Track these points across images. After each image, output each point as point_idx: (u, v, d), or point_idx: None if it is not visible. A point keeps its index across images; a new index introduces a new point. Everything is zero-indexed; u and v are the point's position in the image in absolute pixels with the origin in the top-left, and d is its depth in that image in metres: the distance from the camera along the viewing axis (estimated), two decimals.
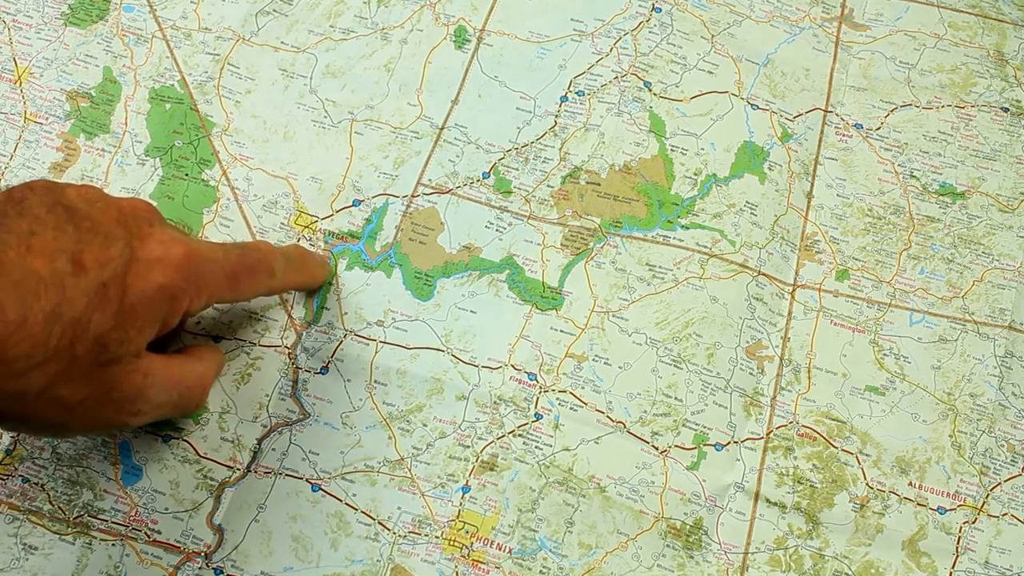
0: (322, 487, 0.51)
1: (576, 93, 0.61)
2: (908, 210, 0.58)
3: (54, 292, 0.38)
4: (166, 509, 0.50)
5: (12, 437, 0.52)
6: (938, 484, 0.53)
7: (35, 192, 0.41)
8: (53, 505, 0.50)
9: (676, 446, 0.53)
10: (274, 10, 0.62)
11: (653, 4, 0.63)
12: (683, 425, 0.53)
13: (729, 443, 0.53)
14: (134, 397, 0.42)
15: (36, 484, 0.51)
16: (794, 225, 0.58)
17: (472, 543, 0.51)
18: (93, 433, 0.46)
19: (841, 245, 0.57)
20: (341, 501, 0.51)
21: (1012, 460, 0.53)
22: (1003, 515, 0.52)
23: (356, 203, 0.57)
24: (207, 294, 0.44)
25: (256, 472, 0.51)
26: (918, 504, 0.52)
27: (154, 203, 0.56)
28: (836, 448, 0.53)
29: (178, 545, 0.50)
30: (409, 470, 0.52)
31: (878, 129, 0.60)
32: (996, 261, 0.57)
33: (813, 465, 0.53)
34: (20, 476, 0.51)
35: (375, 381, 0.53)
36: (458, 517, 0.51)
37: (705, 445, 0.53)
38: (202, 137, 0.59)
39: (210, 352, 0.51)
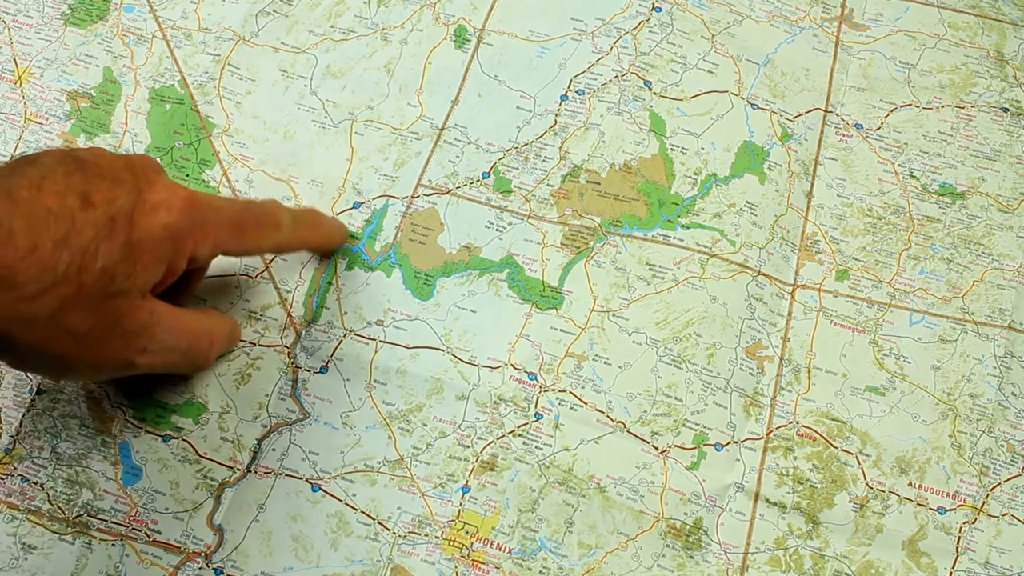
0: (322, 487, 0.51)
1: (576, 92, 0.61)
2: (908, 210, 0.58)
3: (63, 223, 0.40)
4: (166, 509, 0.50)
5: (11, 436, 0.52)
6: (938, 484, 0.53)
7: (49, 152, 0.43)
8: (52, 505, 0.51)
9: (676, 446, 0.53)
10: (274, 10, 0.62)
11: (653, 3, 0.63)
12: (683, 425, 0.53)
13: (729, 443, 0.53)
14: (140, 332, 0.43)
15: (35, 483, 0.51)
16: (794, 225, 0.58)
17: (472, 543, 0.51)
18: (100, 374, 0.47)
19: (841, 245, 0.57)
20: (341, 501, 0.51)
21: (1012, 460, 0.53)
22: (1003, 515, 0.52)
23: (356, 205, 0.57)
24: (212, 239, 0.45)
25: (256, 472, 0.51)
26: (918, 504, 0.52)
27: None
28: (836, 448, 0.53)
29: (178, 545, 0.50)
30: (409, 470, 0.52)
31: (878, 129, 0.60)
32: (996, 261, 0.57)
33: (813, 465, 0.53)
34: (19, 475, 0.51)
35: (375, 381, 0.53)
36: (458, 517, 0.51)
37: (705, 445, 0.53)
38: (203, 138, 0.59)
39: (220, 315, 0.53)
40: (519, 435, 0.53)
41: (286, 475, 0.51)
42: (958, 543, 0.51)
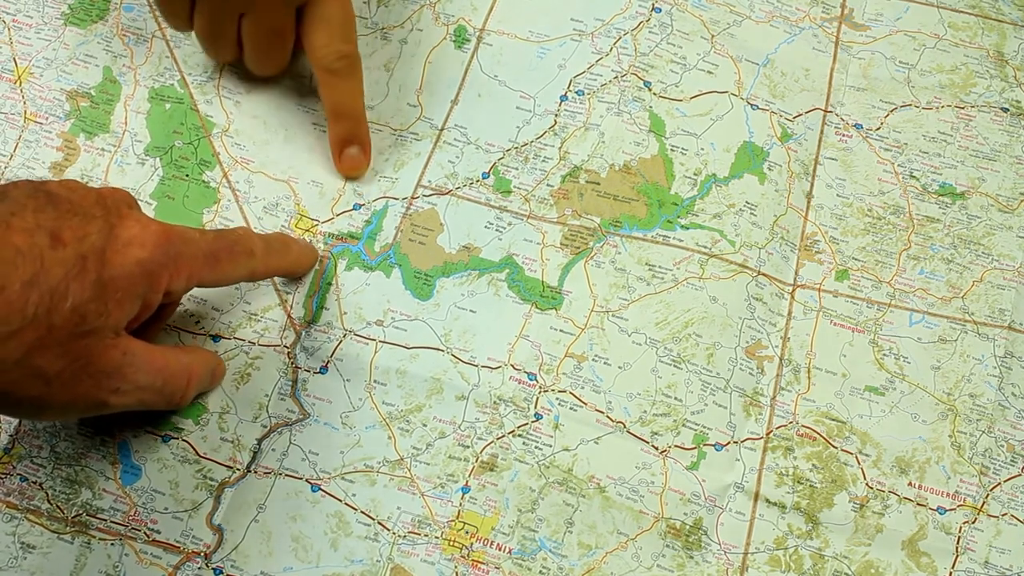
0: (322, 487, 0.51)
1: (576, 93, 0.61)
2: (908, 210, 0.58)
3: (32, 263, 0.39)
4: (165, 509, 0.50)
5: (10, 435, 0.52)
6: (938, 484, 0.53)
7: (17, 185, 0.42)
8: (51, 504, 0.50)
9: (676, 446, 0.53)
10: None
11: (653, 4, 0.63)
12: (683, 425, 0.53)
13: (729, 443, 0.53)
14: (112, 372, 0.43)
15: (34, 483, 0.51)
16: (794, 225, 0.58)
17: (472, 543, 0.51)
18: (73, 414, 0.46)
19: (841, 245, 0.57)
20: (341, 501, 0.51)
21: (1012, 460, 0.53)
22: (1003, 515, 0.52)
23: (356, 207, 0.57)
24: (186, 272, 0.45)
25: (256, 472, 0.51)
26: (918, 504, 0.52)
27: (154, 203, 0.57)
28: (836, 448, 0.53)
29: (177, 545, 0.50)
30: (409, 470, 0.52)
31: (878, 129, 0.60)
32: (996, 261, 0.57)
33: (813, 465, 0.53)
34: (18, 475, 0.51)
35: (374, 381, 0.53)
36: (458, 517, 0.51)
37: (705, 445, 0.53)
38: (202, 137, 0.59)
39: (202, 352, 0.52)
40: (519, 435, 0.53)
41: (286, 475, 0.51)
42: (958, 543, 0.51)
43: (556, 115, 0.60)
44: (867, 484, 0.52)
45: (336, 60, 0.55)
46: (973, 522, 0.52)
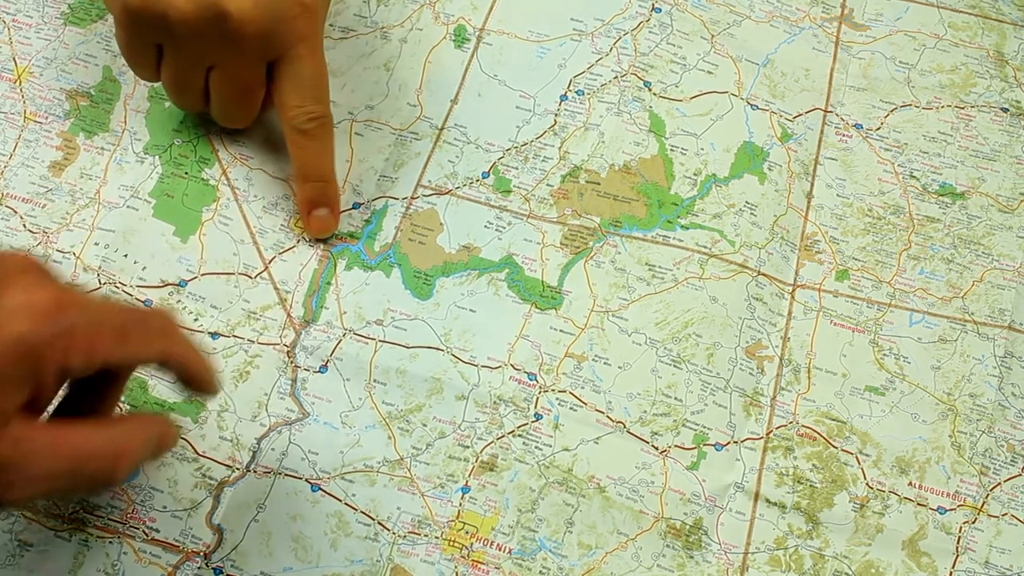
0: (321, 487, 0.51)
1: (576, 92, 0.61)
2: (908, 210, 0.58)
3: None
4: (164, 507, 0.50)
5: None
6: (938, 484, 0.52)
7: None
8: (48, 500, 0.50)
9: (676, 446, 0.53)
10: None
11: (653, 4, 0.63)
12: (683, 425, 0.53)
13: (729, 443, 0.53)
14: (1, 465, 0.36)
15: None
16: (794, 225, 0.58)
17: (472, 543, 0.51)
18: None
19: (841, 245, 0.57)
20: (341, 501, 0.51)
21: (1012, 460, 0.53)
22: (1003, 515, 0.52)
23: (356, 206, 0.57)
24: (84, 349, 0.38)
25: (255, 472, 0.51)
26: (918, 504, 0.52)
27: (153, 201, 0.57)
28: (836, 448, 0.53)
29: (177, 544, 0.50)
30: (408, 470, 0.52)
31: (878, 129, 0.60)
32: (996, 261, 0.57)
33: (813, 465, 0.53)
34: None
35: (374, 380, 0.53)
36: (458, 517, 0.51)
37: (705, 445, 0.53)
38: (202, 136, 0.59)
39: (141, 419, 0.47)
40: (519, 435, 0.53)
41: (285, 475, 0.51)
42: (958, 543, 0.51)
43: (556, 115, 0.60)
44: (867, 484, 0.52)
45: (307, 121, 0.54)
46: (973, 522, 0.52)
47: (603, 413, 0.53)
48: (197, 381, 0.45)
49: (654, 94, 0.61)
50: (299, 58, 0.53)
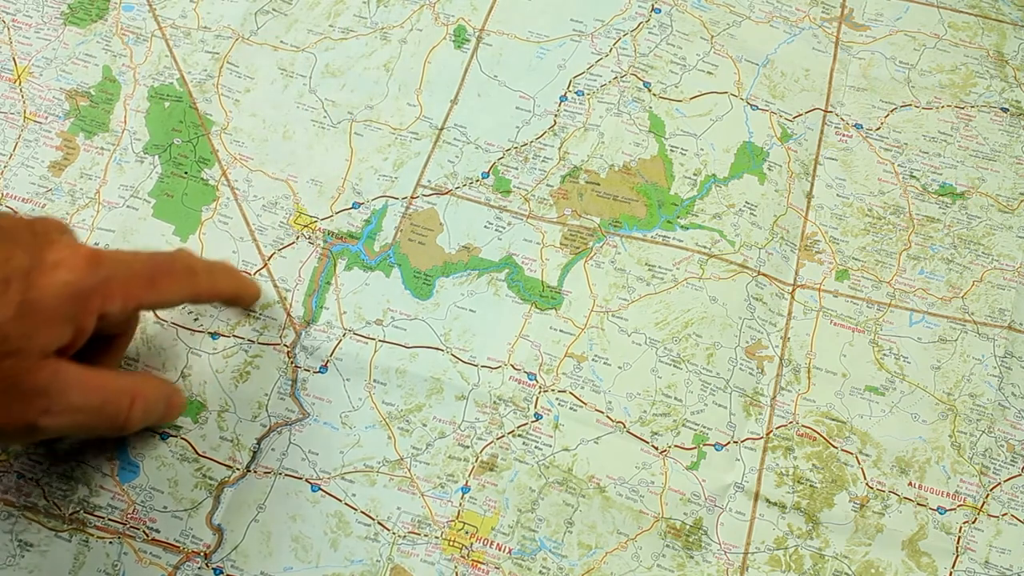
0: (322, 487, 0.51)
1: (575, 93, 0.61)
2: (908, 210, 0.58)
3: None
4: (164, 507, 0.50)
5: None
6: (938, 484, 0.52)
7: None
8: (48, 501, 0.50)
9: (676, 446, 0.53)
10: (273, 9, 0.62)
11: (653, 5, 0.63)
12: (683, 425, 0.53)
13: (729, 443, 0.53)
14: (40, 392, 0.42)
15: (31, 480, 0.51)
16: (794, 225, 0.58)
17: (472, 543, 0.51)
18: (3, 439, 0.45)
19: (841, 245, 0.57)
20: (341, 501, 0.51)
21: (1012, 460, 0.53)
22: (1003, 515, 0.52)
23: (356, 205, 0.57)
24: (121, 294, 0.44)
25: (255, 472, 0.51)
26: (918, 504, 0.52)
27: (152, 201, 0.57)
28: (836, 448, 0.53)
29: (177, 544, 0.50)
30: (408, 470, 0.52)
31: (878, 129, 0.60)
32: (996, 261, 0.57)
33: (813, 465, 0.53)
34: (15, 472, 0.51)
35: (374, 380, 0.53)
36: (458, 517, 0.51)
37: (705, 445, 0.53)
38: (201, 135, 0.59)
39: (156, 378, 0.51)
40: (519, 435, 0.53)
41: (286, 475, 0.51)
42: (958, 543, 0.51)
43: (556, 115, 0.60)
44: (867, 484, 0.52)
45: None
46: (973, 522, 0.52)
47: (603, 413, 0.53)
48: (232, 302, 0.54)
49: (654, 94, 0.61)
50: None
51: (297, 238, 0.56)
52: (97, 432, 0.47)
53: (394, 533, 0.50)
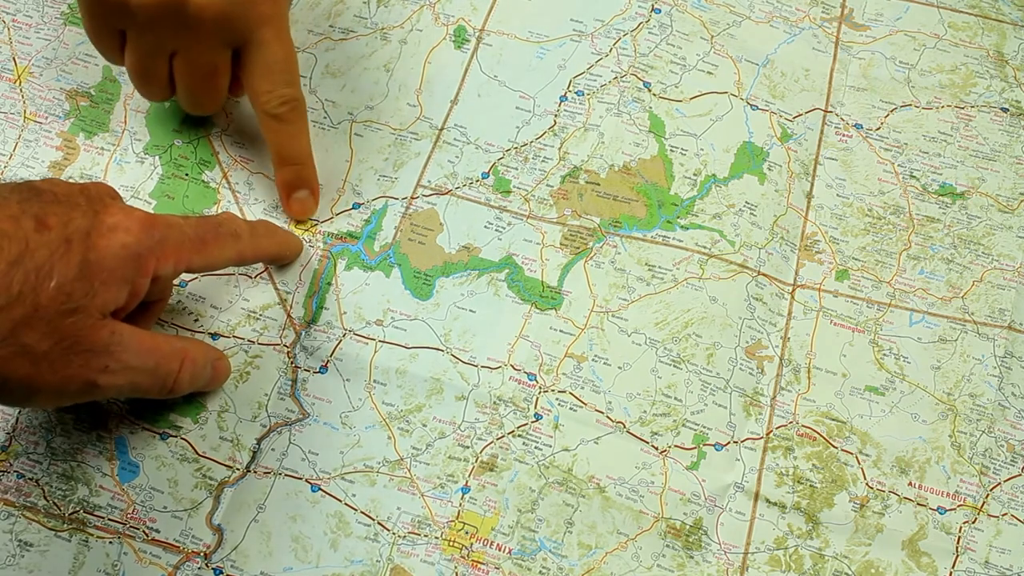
0: (321, 487, 0.51)
1: (575, 93, 0.61)
2: (908, 210, 0.58)
3: (17, 244, 0.40)
4: (164, 507, 0.50)
5: (7, 433, 0.52)
6: (938, 484, 0.52)
7: (1, 183, 0.44)
8: (48, 501, 0.50)
9: (676, 446, 0.53)
10: None
11: (652, 5, 0.63)
12: (683, 425, 0.53)
13: (729, 443, 0.53)
14: (101, 350, 0.43)
15: (31, 479, 0.51)
16: (794, 225, 0.58)
17: (472, 544, 0.51)
18: (65, 398, 0.46)
19: (841, 245, 0.57)
20: (340, 501, 0.51)
21: (1012, 460, 0.53)
22: (1003, 515, 0.52)
23: (356, 206, 0.57)
24: (173, 257, 0.46)
25: (255, 472, 0.51)
26: (918, 504, 0.52)
27: (153, 202, 0.57)
28: (836, 448, 0.53)
29: (177, 544, 0.50)
30: (408, 470, 0.52)
31: (878, 129, 0.60)
32: (996, 261, 0.57)
33: (813, 465, 0.53)
34: (15, 472, 0.51)
35: (374, 381, 0.53)
36: (458, 518, 0.51)
37: (705, 445, 0.53)
38: (202, 137, 0.59)
39: (202, 343, 0.52)
40: (519, 435, 0.53)
41: (285, 475, 0.51)
42: (958, 543, 0.51)
43: (556, 115, 0.60)
44: (867, 484, 0.52)
45: (279, 106, 0.54)
46: (973, 522, 0.52)
47: (603, 413, 0.53)
48: (274, 261, 0.55)
49: (654, 95, 0.61)
50: (265, 42, 0.52)
51: None
52: (147, 393, 0.48)
53: (394, 533, 0.50)
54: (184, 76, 0.54)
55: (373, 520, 0.51)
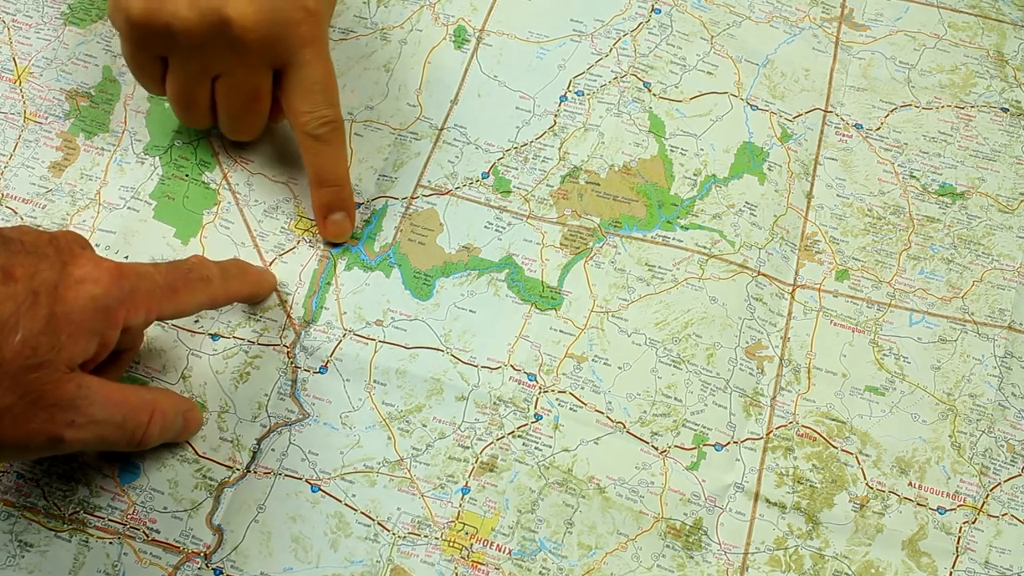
0: (321, 487, 0.51)
1: (575, 93, 0.61)
2: (908, 210, 0.58)
3: None
4: (165, 508, 0.50)
5: None
6: (938, 484, 0.52)
7: None
8: (48, 501, 0.50)
9: (676, 446, 0.53)
10: None
11: (652, 5, 0.63)
12: (683, 425, 0.53)
13: (729, 443, 0.53)
14: (66, 405, 0.42)
15: (31, 480, 0.51)
16: (794, 225, 0.58)
17: (472, 544, 0.51)
18: (29, 452, 0.45)
19: (841, 245, 0.57)
20: (340, 502, 0.51)
21: (1012, 460, 0.53)
22: (1003, 515, 0.52)
23: (356, 206, 0.57)
24: (144, 306, 0.45)
25: (255, 472, 0.51)
26: (918, 504, 0.52)
27: (153, 203, 0.57)
28: (836, 448, 0.53)
29: (177, 545, 0.50)
30: (408, 471, 0.52)
31: (878, 129, 0.60)
32: (996, 261, 0.57)
33: (813, 465, 0.53)
34: (15, 472, 0.51)
35: (374, 381, 0.53)
36: (458, 518, 0.51)
37: (705, 445, 0.53)
38: (202, 137, 0.59)
39: (173, 394, 0.52)
40: (519, 436, 0.53)
41: (285, 475, 0.51)
42: (958, 543, 0.51)
43: (556, 115, 0.60)
44: (867, 484, 0.52)
45: (320, 126, 0.53)
46: (973, 522, 0.52)
47: (603, 413, 0.53)
48: (249, 300, 0.54)
49: (654, 95, 0.61)
50: (306, 63, 0.52)
51: (298, 243, 0.56)
52: (115, 446, 0.47)
53: (394, 534, 0.51)
54: (226, 100, 0.54)
55: (373, 520, 0.51)
